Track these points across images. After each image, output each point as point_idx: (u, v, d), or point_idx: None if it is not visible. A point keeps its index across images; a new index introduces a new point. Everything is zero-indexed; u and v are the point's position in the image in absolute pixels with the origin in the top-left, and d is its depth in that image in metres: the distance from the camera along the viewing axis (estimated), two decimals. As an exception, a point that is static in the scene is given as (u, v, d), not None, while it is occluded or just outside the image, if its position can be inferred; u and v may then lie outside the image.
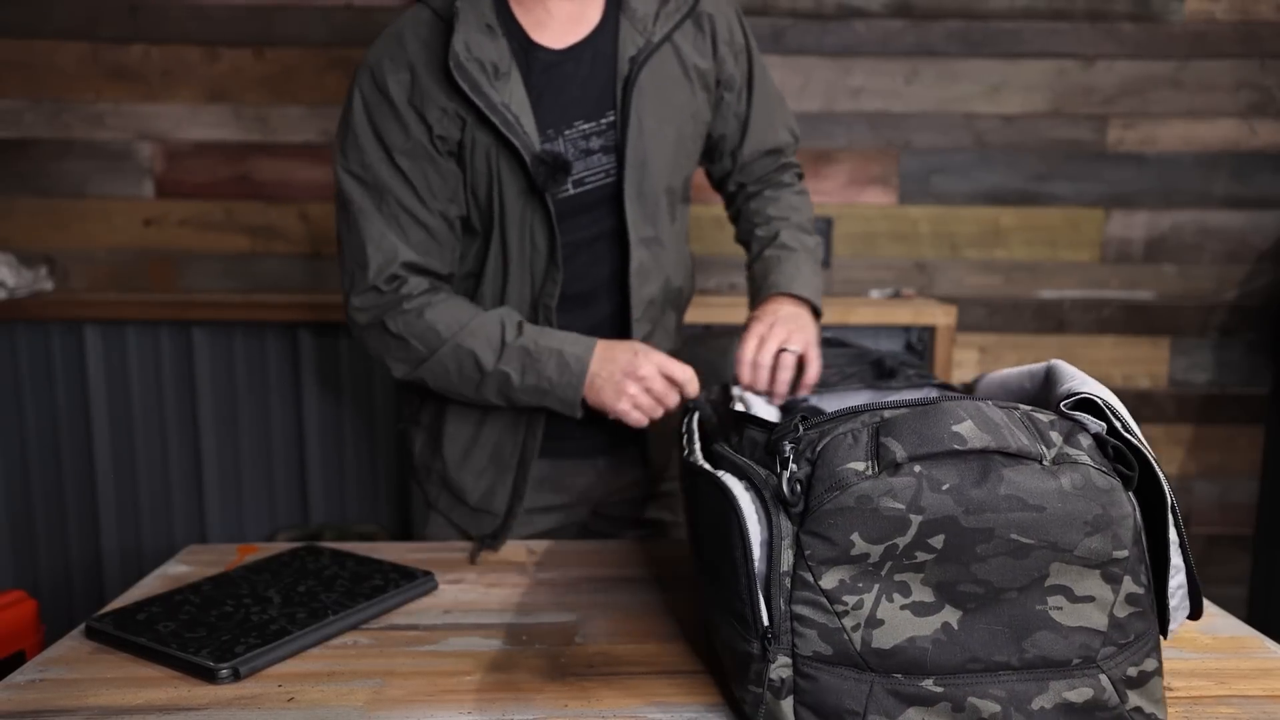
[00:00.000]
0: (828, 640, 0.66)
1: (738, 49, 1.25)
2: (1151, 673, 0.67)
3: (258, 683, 0.81)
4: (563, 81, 1.13)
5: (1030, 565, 0.64)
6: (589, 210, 1.16)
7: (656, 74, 1.15)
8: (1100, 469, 0.65)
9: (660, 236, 1.21)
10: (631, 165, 1.15)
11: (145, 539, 2.18)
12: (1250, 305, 2.42)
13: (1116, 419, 0.68)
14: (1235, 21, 2.32)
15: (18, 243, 2.32)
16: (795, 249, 1.26)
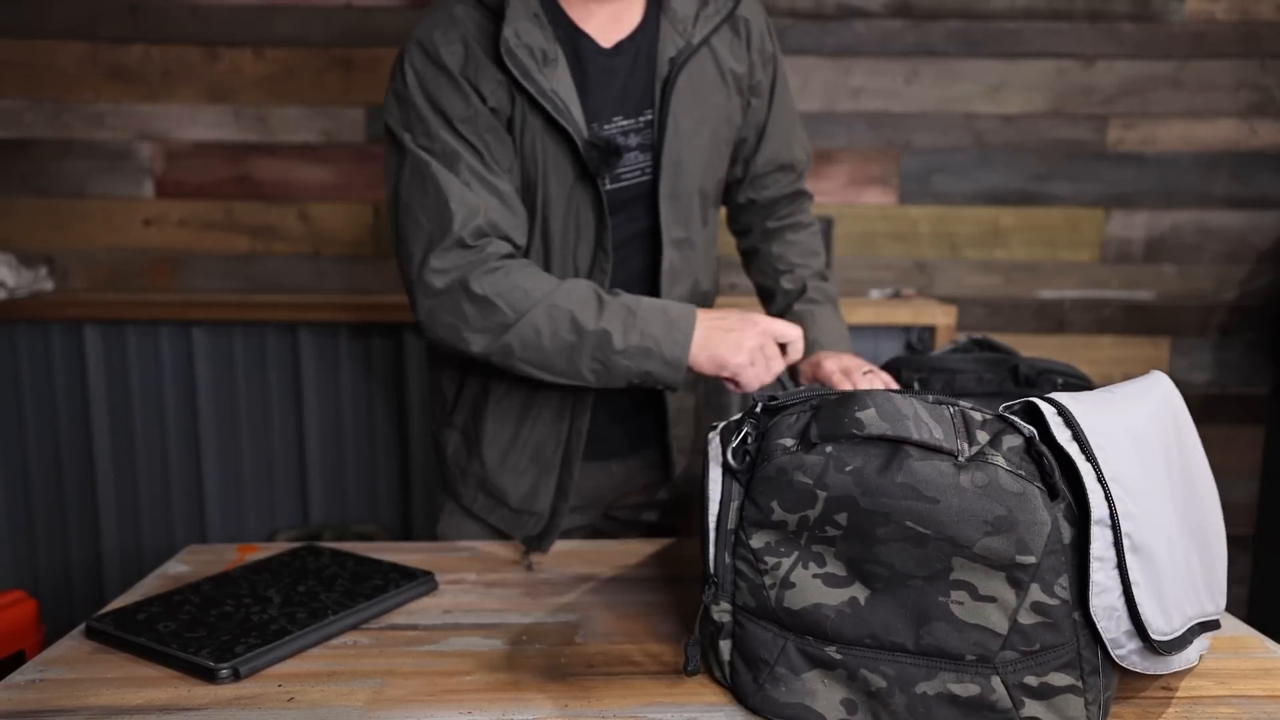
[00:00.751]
0: (754, 595, 0.74)
1: (767, 56, 1.24)
2: (1061, 688, 0.67)
3: (258, 683, 0.81)
4: (605, 77, 1.13)
5: (931, 556, 0.67)
6: (623, 208, 1.16)
7: (694, 76, 1.15)
8: (1014, 472, 0.66)
9: (692, 238, 1.20)
10: (667, 165, 1.15)
11: (145, 539, 2.18)
12: (1250, 305, 2.42)
13: (1071, 429, 0.68)
14: (1235, 21, 2.32)
15: (18, 243, 2.32)
16: (822, 302, 1.27)
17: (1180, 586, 0.72)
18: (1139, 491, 0.69)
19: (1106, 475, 0.67)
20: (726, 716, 0.76)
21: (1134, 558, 0.67)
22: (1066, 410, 0.69)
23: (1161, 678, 0.82)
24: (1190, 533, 0.76)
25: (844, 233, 2.39)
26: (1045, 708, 0.67)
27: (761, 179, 1.32)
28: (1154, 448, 0.73)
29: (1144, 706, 0.77)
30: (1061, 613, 0.66)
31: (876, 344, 2.14)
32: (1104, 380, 2.43)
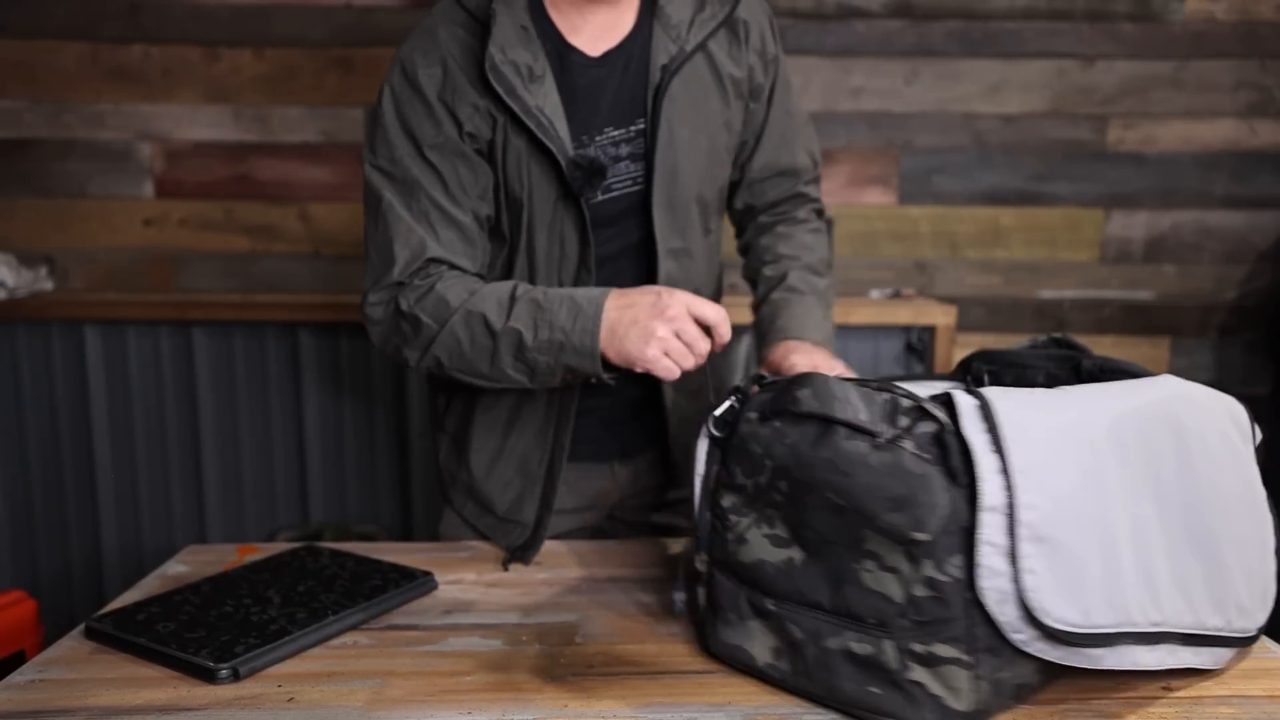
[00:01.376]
0: (721, 549, 0.83)
1: (768, 58, 1.21)
2: (946, 659, 0.71)
3: (257, 683, 0.81)
4: (595, 88, 1.11)
5: (847, 525, 0.73)
6: (617, 220, 1.14)
7: (689, 82, 1.13)
8: (919, 455, 0.71)
9: (690, 248, 1.18)
10: (660, 174, 1.13)
11: (145, 539, 2.18)
12: (1250, 305, 2.42)
13: (987, 421, 0.71)
14: (1235, 21, 2.32)
15: (18, 243, 2.32)
16: (804, 292, 1.20)
17: (1123, 586, 0.72)
18: (1055, 486, 0.70)
19: (1014, 467, 0.69)
20: (726, 716, 0.76)
21: (1034, 547, 0.69)
22: (987, 404, 0.71)
23: (1161, 677, 0.82)
24: (1187, 541, 0.76)
25: (844, 233, 2.39)
26: (930, 675, 0.72)
27: (759, 184, 1.28)
28: (1105, 447, 0.74)
29: (1143, 706, 0.77)
30: (953, 590, 0.70)
31: (876, 344, 2.14)
32: (1104, 380, 2.44)
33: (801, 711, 0.77)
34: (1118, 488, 0.74)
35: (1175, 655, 0.76)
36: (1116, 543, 0.73)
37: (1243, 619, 0.79)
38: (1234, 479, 0.80)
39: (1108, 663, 0.73)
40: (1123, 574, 0.72)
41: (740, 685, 0.81)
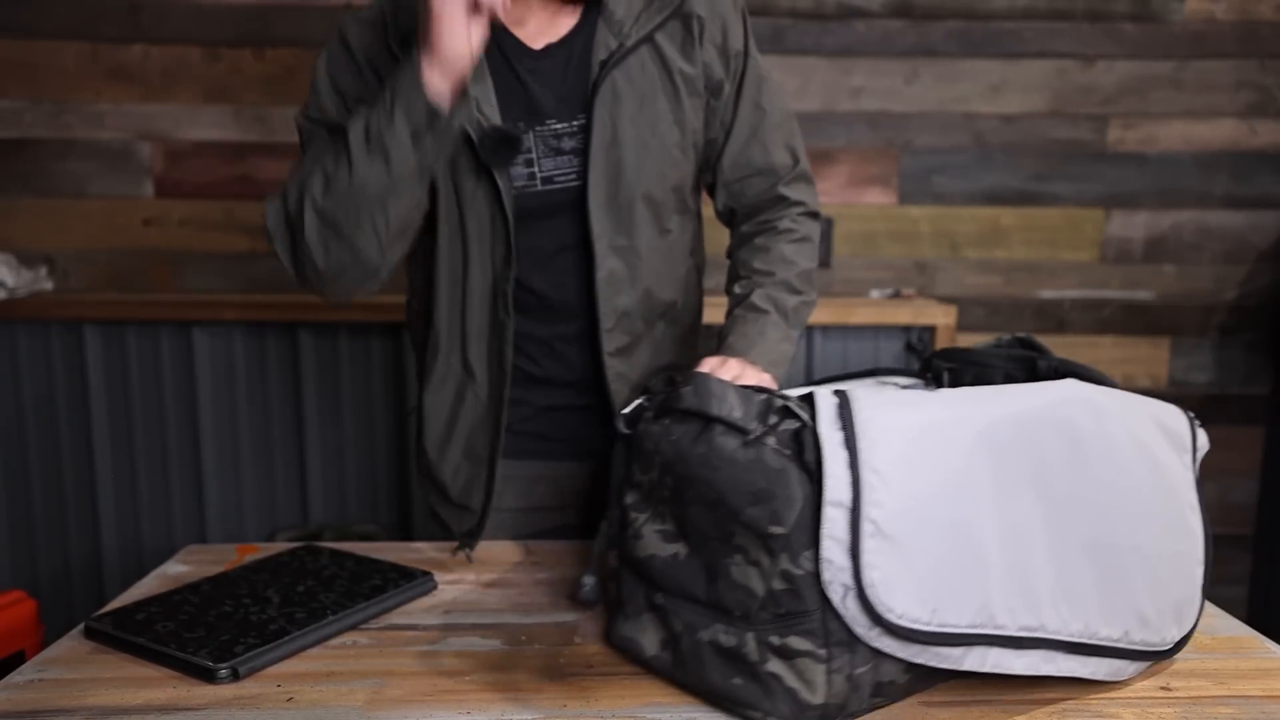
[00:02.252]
0: (624, 545, 0.85)
1: (731, 53, 1.19)
2: (801, 651, 0.73)
3: (257, 683, 0.81)
4: (534, 79, 1.12)
5: (719, 519, 0.75)
6: (559, 213, 1.15)
7: (634, 78, 1.13)
8: (780, 451, 0.73)
9: (637, 247, 1.17)
10: (597, 169, 1.13)
11: (145, 539, 2.18)
12: (1250, 305, 2.42)
13: (843, 419, 0.73)
14: (1235, 21, 2.32)
15: (18, 243, 2.32)
16: (764, 311, 1.16)
17: (986, 588, 0.72)
18: (909, 485, 0.71)
19: (864, 464, 0.71)
20: (725, 717, 0.76)
21: (879, 543, 0.70)
22: (847, 404, 0.73)
23: (1160, 677, 0.82)
24: (1080, 547, 0.75)
25: (844, 233, 2.39)
26: (786, 666, 0.73)
27: (735, 183, 1.24)
28: (978, 449, 0.74)
29: (1143, 706, 0.77)
30: (806, 583, 0.72)
31: (876, 344, 2.14)
32: (1104, 380, 2.43)
33: (801, 711, 0.77)
34: (989, 489, 0.74)
35: (1053, 663, 0.75)
36: (982, 544, 0.73)
37: (1145, 631, 0.78)
38: (1146, 487, 0.79)
39: (967, 664, 0.73)
40: (988, 576, 0.73)
41: (740, 685, 0.81)
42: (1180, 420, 0.84)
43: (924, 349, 2.13)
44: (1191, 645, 0.89)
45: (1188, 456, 0.83)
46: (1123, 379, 2.44)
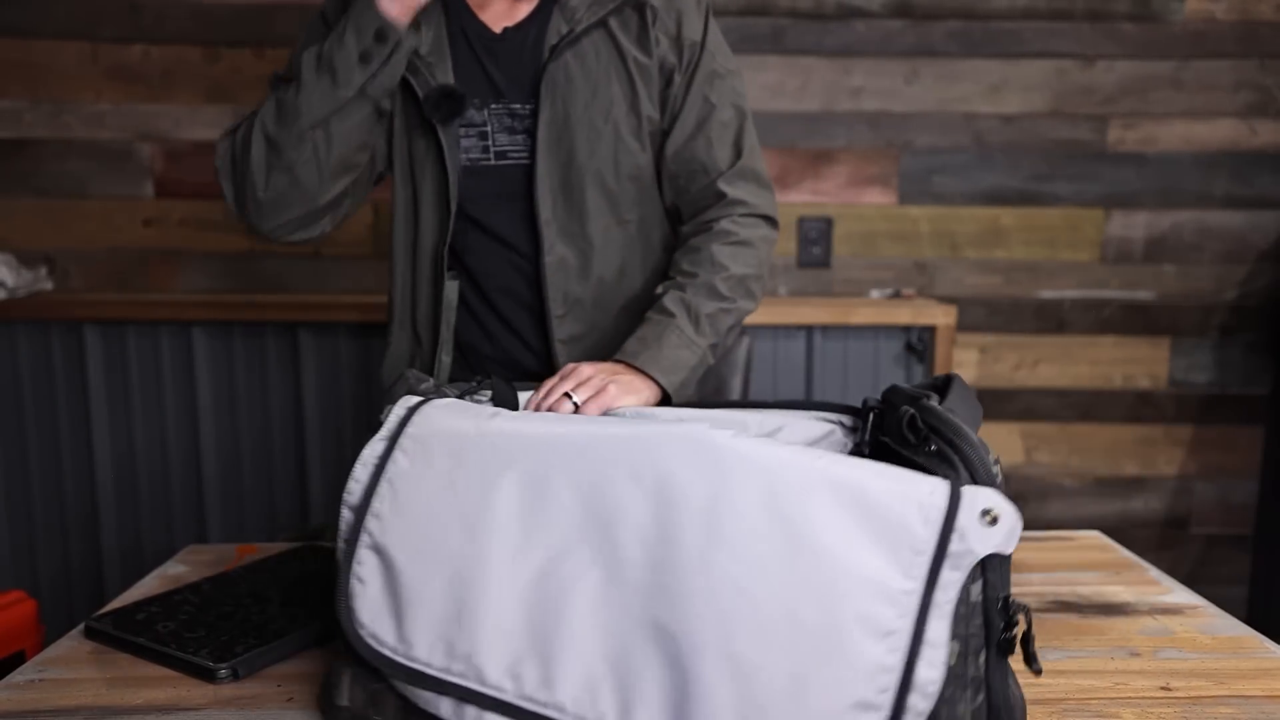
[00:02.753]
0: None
1: (685, 43, 1.17)
2: (341, 654, 0.74)
3: (257, 683, 0.81)
4: (491, 60, 1.16)
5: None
6: (514, 197, 1.16)
7: (586, 62, 1.14)
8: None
9: (589, 234, 1.17)
10: (546, 152, 1.14)
11: (145, 539, 2.18)
12: (1250, 305, 2.42)
13: (404, 424, 0.73)
14: (1235, 21, 2.32)
15: (18, 243, 2.32)
16: (671, 315, 1.09)
17: (474, 639, 0.64)
18: (415, 505, 0.68)
19: (385, 473, 0.70)
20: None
21: (371, 555, 0.69)
22: (416, 409, 0.72)
23: (1160, 677, 0.82)
24: (641, 630, 0.60)
25: (844, 233, 2.39)
26: (339, 663, 0.74)
27: (679, 178, 1.21)
28: (533, 488, 0.65)
29: (1143, 706, 0.77)
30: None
31: (876, 344, 2.14)
32: (1104, 380, 2.44)
33: (801, 711, 0.77)
34: (517, 530, 0.65)
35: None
36: (482, 591, 0.64)
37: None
38: (787, 591, 0.58)
39: (448, 713, 0.65)
40: (479, 627, 0.64)
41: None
42: (918, 516, 0.58)
43: (924, 349, 2.13)
44: (1192, 645, 0.89)
45: (918, 561, 0.57)
46: (1123, 379, 2.44)
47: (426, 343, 1.22)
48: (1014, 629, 0.60)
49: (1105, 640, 0.90)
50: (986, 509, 0.57)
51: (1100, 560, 1.12)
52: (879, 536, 0.58)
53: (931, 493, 0.58)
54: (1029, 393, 2.44)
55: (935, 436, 0.65)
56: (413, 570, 0.66)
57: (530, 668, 0.62)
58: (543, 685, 0.61)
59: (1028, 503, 2.47)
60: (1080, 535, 1.22)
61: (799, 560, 0.58)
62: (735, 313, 1.14)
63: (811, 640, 0.57)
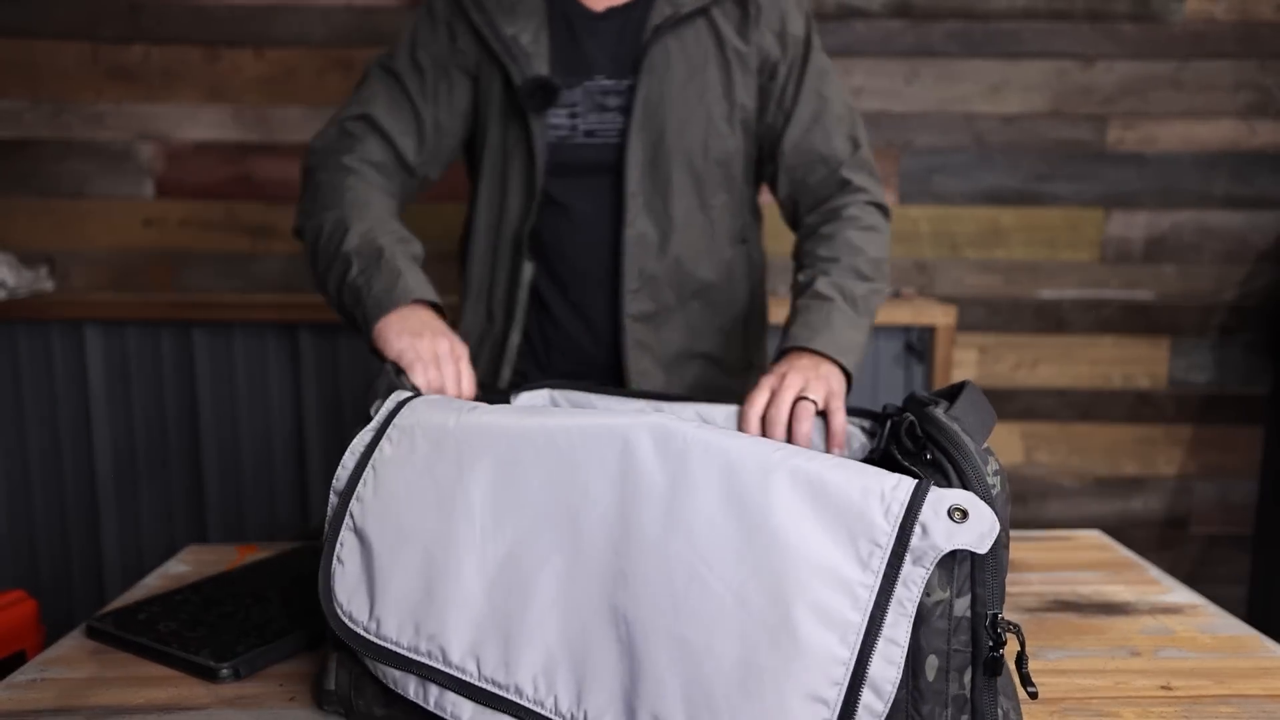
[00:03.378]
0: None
1: (790, 39, 1.21)
2: (330, 639, 0.76)
3: (258, 682, 0.81)
4: (588, 38, 1.18)
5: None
6: (598, 171, 1.18)
7: (686, 46, 1.17)
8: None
9: (672, 213, 1.19)
10: (638, 129, 1.16)
11: (145, 539, 2.18)
12: (1250, 305, 2.42)
13: (393, 414, 0.76)
14: (1235, 21, 2.32)
15: (18, 243, 2.32)
16: (830, 298, 1.09)
17: (443, 620, 0.65)
18: (393, 488, 0.71)
19: (372, 459, 0.73)
20: None
21: (352, 538, 0.72)
22: (405, 403, 0.76)
23: (1160, 676, 0.82)
24: (599, 614, 0.61)
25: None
26: (330, 649, 0.76)
27: (798, 169, 1.22)
28: (495, 467, 0.67)
29: (1143, 705, 0.77)
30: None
31: (877, 344, 2.14)
32: (1104, 382, 2.44)
33: (802, 711, 0.77)
34: (493, 520, 0.66)
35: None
36: (451, 573, 0.66)
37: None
38: (739, 576, 0.58)
39: (413, 693, 0.67)
40: (446, 607, 0.65)
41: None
42: (879, 508, 0.58)
43: (924, 349, 2.13)
44: (1192, 645, 0.89)
45: (876, 552, 0.57)
46: (1122, 379, 2.44)
47: (499, 322, 1.24)
48: (1002, 648, 0.59)
49: (1105, 639, 0.90)
50: (956, 505, 0.57)
51: (1100, 560, 1.12)
52: (837, 526, 0.58)
53: (895, 487, 0.58)
54: (1029, 393, 2.44)
55: (931, 444, 0.65)
56: (387, 552, 0.69)
57: (491, 649, 0.64)
58: (502, 666, 0.63)
59: (1028, 503, 2.47)
60: (1080, 535, 1.22)
61: (753, 546, 0.58)
62: (880, 294, 1.15)
63: (761, 627, 0.56)
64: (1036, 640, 0.90)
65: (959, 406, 0.68)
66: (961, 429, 0.65)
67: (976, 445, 0.64)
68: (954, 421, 0.66)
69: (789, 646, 0.55)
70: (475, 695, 0.64)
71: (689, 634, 0.58)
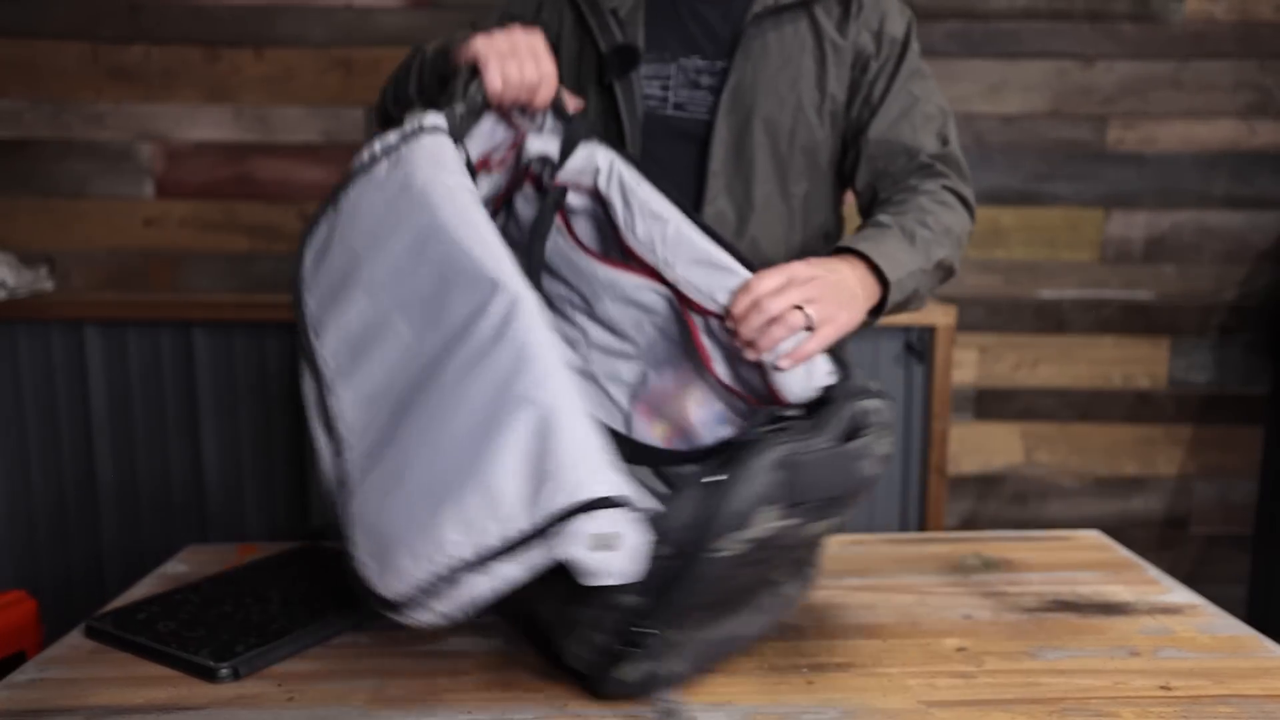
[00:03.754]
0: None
1: (886, 38, 1.22)
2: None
3: (258, 682, 0.81)
4: (690, 17, 1.19)
5: None
6: (683, 147, 1.19)
7: (784, 35, 1.18)
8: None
9: (752, 196, 1.19)
10: (726, 110, 1.16)
11: (145, 539, 2.18)
12: (1250, 305, 2.42)
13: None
14: (1235, 21, 2.32)
15: (18, 243, 2.32)
16: (887, 225, 1.07)
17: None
18: (360, 209, 0.82)
19: (373, 170, 0.83)
20: (726, 716, 0.76)
21: (329, 216, 0.85)
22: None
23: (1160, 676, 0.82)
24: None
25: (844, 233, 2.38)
26: None
27: (879, 160, 1.20)
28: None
29: (1143, 706, 0.77)
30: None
31: (876, 344, 2.14)
32: (1103, 382, 2.44)
33: (800, 711, 0.77)
34: (394, 279, 0.79)
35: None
36: (345, 299, 0.80)
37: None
38: (464, 443, 0.71)
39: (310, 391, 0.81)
40: (340, 316, 0.81)
41: (740, 685, 0.81)
42: (561, 487, 0.67)
43: (924, 349, 2.13)
44: (1191, 645, 0.89)
45: (537, 515, 0.67)
46: (1123, 379, 2.44)
47: None
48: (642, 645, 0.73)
49: (1105, 640, 0.90)
50: (600, 533, 0.66)
51: (1100, 560, 1.12)
52: (529, 472, 0.67)
53: (579, 484, 0.66)
54: (1029, 393, 2.44)
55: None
56: (335, 243, 0.82)
57: (345, 358, 0.79)
58: (341, 374, 0.78)
59: (1028, 502, 2.47)
60: (1080, 535, 1.22)
61: (483, 432, 0.69)
62: (944, 248, 1.09)
63: (461, 472, 0.69)
64: (1036, 640, 0.90)
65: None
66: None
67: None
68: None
69: (471, 492, 0.68)
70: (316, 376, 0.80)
71: (425, 446, 0.72)
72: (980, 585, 1.04)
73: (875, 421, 0.82)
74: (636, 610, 0.73)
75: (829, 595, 1.00)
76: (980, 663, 0.85)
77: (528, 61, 0.95)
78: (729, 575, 0.75)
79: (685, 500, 0.71)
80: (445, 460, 0.70)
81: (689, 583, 0.72)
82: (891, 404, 0.83)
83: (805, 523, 0.77)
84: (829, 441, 0.77)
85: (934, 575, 1.07)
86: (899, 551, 1.15)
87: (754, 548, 0.73)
